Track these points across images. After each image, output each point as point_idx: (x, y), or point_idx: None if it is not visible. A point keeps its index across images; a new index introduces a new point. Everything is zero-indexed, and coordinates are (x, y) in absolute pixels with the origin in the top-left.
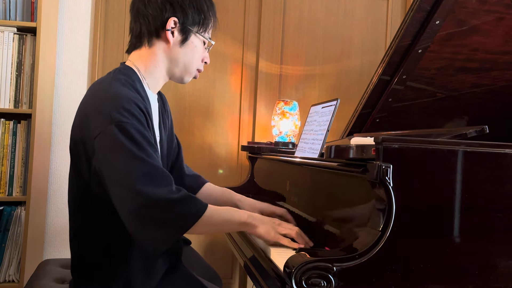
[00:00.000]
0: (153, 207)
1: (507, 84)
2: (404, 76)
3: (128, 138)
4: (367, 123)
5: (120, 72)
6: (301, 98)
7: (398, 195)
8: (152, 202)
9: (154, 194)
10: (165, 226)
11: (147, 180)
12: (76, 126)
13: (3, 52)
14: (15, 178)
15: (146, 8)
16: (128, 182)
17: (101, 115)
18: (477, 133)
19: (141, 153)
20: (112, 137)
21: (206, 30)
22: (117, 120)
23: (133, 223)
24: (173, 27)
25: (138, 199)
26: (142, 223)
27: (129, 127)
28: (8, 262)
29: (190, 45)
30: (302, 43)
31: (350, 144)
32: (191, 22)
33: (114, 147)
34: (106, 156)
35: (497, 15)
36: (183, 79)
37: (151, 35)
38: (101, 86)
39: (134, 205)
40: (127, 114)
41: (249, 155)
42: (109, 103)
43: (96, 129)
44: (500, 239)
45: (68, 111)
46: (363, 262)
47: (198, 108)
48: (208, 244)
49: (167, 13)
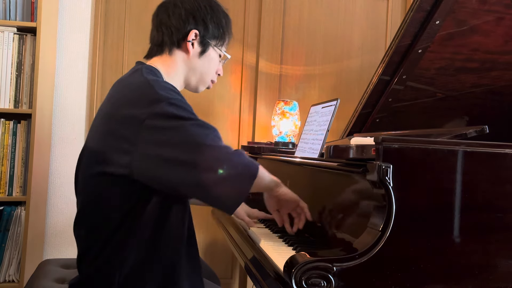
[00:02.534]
0: (228, 157)
1: (507, 84)
2: (404, 76)
3: (183, 110)
4: (367, 123)
5: (148, 69)
6: (301, 98)
7: (398, 195)
8: (225, 153)
9: (225, 147)
10: (234, 182)
11: (216, 139)
12: (103, 117)
13: (3, 52)
14: (15, 178)
15: (169, 19)
16: (200, 144)
17: (146, 98)
18: (477, 133)
19: (198, 120)
20: (167, 114)
21: (223, 44)
22: (167, 97)
23: (204, 186)
24: (193, 38)
25: (215, 153)
26: (214, 180)
27: (180, 103)
28: (8, 262)
29: (207, 57)
30: (302, 43)
31: (350, 144)
32: (210, 35)
33: (171, 122)
34: (165, 133)
35: (497, 15)
36: (197, 88)
37: (173, 45)
38: (134, 77)
39: (211, 160)
40: (173, 93)
41: (249, 155)
42: (152, 85)
43: (144, 111)
44: (500, 239)
45: (68, 111)
46: (363, 262)
47: (198, 108)
48: (208, 244)
49: (189, 25)
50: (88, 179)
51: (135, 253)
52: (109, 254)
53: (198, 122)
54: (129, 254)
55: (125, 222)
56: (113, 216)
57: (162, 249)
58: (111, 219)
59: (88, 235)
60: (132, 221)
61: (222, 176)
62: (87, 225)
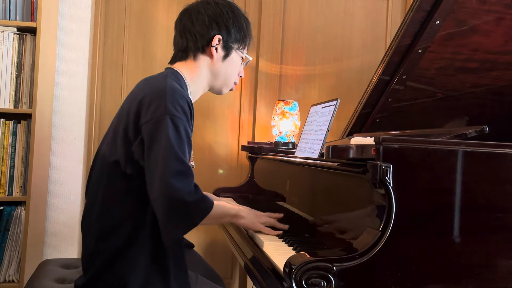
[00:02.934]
0: (177, 201)
1: (507, 84)
2: (404, 76)
3: (176, 132)
4: (367, 123)
5: (173, 74)
6: (301, 98)
7: (398, 195)
8: (177, 197)
9: (181, 191)
10: (182, 217)
11: (179, 177)
12: (123, 112)
13: (3, 52)
14: (15, 178)
15: (193, 25)
16: (164, 174)
17: (156, 104)
18: (477, 133)
19: (180, 152)
20: (163, 127)
21: (245, 47)
22: (172, 113)
23: (159, 207)
24: (217, 43)
25: (168, 190)
26: (166, 209)
27: (180, 123)
28: (8, 262)
29: (230, 61)
30: (302, 43)
31: (350, 144)
32: (233, 39)
33: (162, 136)
34: (153, 142)
35: (497, 15)
36: (221, 91)
37: (197, 50)
38: (157, 80)
39: (163, 194)
40: (180, 109)
41: (249, 155)
42: (166, 94)
43: (148, 115)
44: (500, 239)
45: (68, 111)
46: (363, 262)
47: (198, 108)
48: (208, 244)
49: (213, 31)
50: (103, 169)
51: (142, 249)
52: (117, 254)
53: (178, 153)
54: (136, 251)
55: (132, 218)
56: (122, 210)
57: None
58: (119, 214)
59: (99, 235)
60: (139, 218)
61: (174, 209)
62: (99, 224)
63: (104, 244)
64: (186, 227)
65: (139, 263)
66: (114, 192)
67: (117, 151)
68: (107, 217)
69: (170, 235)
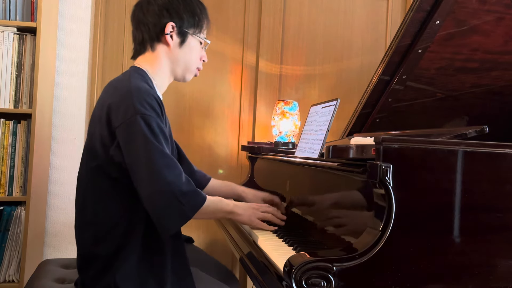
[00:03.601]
0: (170, 194)
1: (507, 84)
2: (404, 76)
3: (149, 130)
4: (367, 123)
5: (136, 71)
6: (301, 98)
7: (398, 195)
8: (169, 189)
9: (172, 182)
10: (175, 210)
11: (167, 170)
12: (95, 119)
13: (3, 52)
14: (15, 178)
15: (145, 16)
16: (152, 169)
17: (124, 106)
18: (477, 133)
19: (160, 145)
20: (136, 127)
21: (201, 31)
22: (141, 112)
23: (152, 204)
24: (171, 31)
25: (159, 185)
26: (159, 204)
27: (151, 120)
28: (8, 262)
29: (188, 46)
30: (302, 43)
31: (350, 144)
32: (187, 25)
33: (138, 136)
34: (130, 143)
35: (497, 15)
36: (185, 78)
37: (153, 40)
38: (121, 82)
39: (155, 189)
40: (148, 107)
41: (249, 155)
42: (132, 95)
43: (119, 119)
44: (500, 239)
45: (68, 111)
46: (363, 262)
47: (198, 108)
48: (208, 242)
49: (164, 19)
50: (88, 175)
51: (135, 250)
52: (111, 254)
53: (159, 147)
54: (129, 251)
55: (125, 217)
56: (114, 210)
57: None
58: (112, 214)
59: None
60: (131, 217)
61: (168, 201)
62: (92, 228)
63: (99, 247)
64: (179, 221)
65: (134, 264)
66: (102, 197)
67: (97, 156)
68: (99, 220)
69: (164, 230)
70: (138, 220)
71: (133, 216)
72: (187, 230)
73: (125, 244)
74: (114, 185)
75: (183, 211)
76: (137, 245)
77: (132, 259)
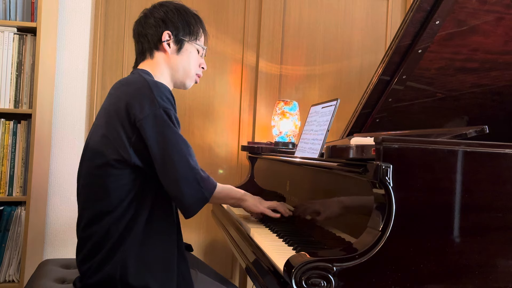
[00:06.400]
0: (193, 179)
1: (507, 84)
2: (404, 76)
3: (171, 122)
4: (367, 123)
5: (143, 72)
6: (301, 98)
7: (398, 195)
8: (193, 174)
9: (195, 168)
10: (197, 193)
11: (190, 157)
12: (107, 114)
13: (3, 52)
14: (15, 178)
15: (144, 29)
16: (179, 157)
17: (147, 100)
18: (477, 133)
19: (182, 136)
20: (161, 118)
21: (197, 38)
22: (164, 106)
23: (177, 188)
24: (168, 39)
25: (185, 171)
26: (183, 188)
27: (172, 114)
28: (8, 262)
29: (185, 52)
30: (302, 43)
31: (350, 144)
32: (182, 33)
33: (164, 127)
34: (158, 134)
35: (497, 15)
36: (185, 84)
37: (152, 49)
38: (134, 79)
39: (181, 175)
40: (167, 101)
41: (249, 155)
42: (152, 90)
43: (144, 111)
44: (500, 239)
45: (68, 111)
46: (363, 262)
47: (198, 108)
48: (208, 244)
49: (161, 29)
50: (93, 173)
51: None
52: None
53: (182, 137)
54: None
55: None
56: (118, 206)
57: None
58: (116, 210)
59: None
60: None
61: (193, 185)
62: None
63: (102, 245)
64: (200, 203)
65: (135, 264)
66: (105, 195)
67: (106, 153)
68: (102, 217)
69: (187, 211)
70: (141, 212)
71: (136, 210)
72: (188, 231)
73: (127, 237)
74: (118, 182)
75: (203, 194)
76: (138, 237)
77: (134, 250)
